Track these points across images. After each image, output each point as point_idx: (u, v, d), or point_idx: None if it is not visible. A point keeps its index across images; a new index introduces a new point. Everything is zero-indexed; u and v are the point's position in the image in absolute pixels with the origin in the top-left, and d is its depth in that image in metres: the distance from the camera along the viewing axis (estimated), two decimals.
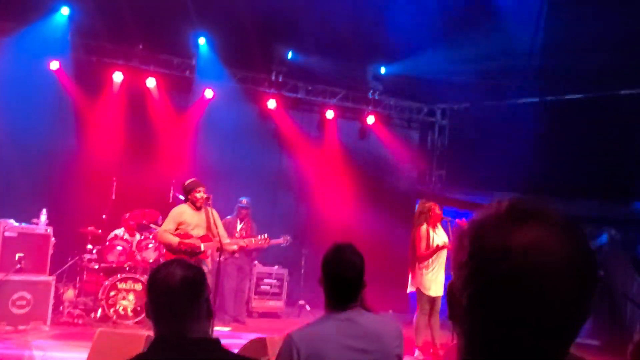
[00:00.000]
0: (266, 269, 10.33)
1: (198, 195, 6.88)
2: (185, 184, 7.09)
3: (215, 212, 7.10)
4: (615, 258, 9.24)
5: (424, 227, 7.55)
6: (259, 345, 5.71)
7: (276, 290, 10.27)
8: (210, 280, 7.10)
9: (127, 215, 9.00)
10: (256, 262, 10.22)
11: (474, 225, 0.96)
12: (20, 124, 9.79)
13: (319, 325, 2.64)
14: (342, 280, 2.63)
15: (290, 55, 11.19)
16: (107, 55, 10.22)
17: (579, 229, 0.93)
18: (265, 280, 10.22)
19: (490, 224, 0.94)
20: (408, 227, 11.83)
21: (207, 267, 7.00)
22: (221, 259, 6.90)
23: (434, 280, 7.47)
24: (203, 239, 6.84)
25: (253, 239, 7.59)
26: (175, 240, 6.78)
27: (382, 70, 11.86)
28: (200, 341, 2.00)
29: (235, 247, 7.31)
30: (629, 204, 9.28)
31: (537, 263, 0.88)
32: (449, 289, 0.99)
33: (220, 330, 8.18)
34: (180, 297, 1.98)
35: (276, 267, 10.45)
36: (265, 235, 7.50)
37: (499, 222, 0.93)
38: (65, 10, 9.66)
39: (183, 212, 6.95)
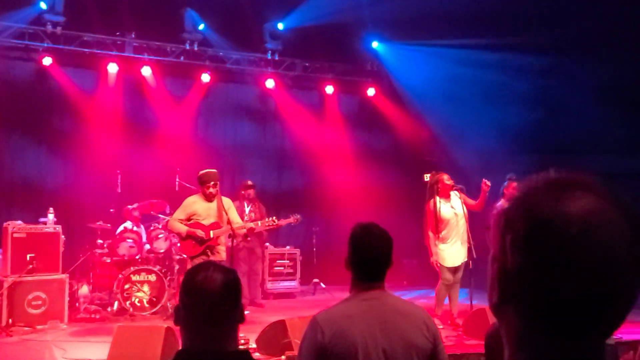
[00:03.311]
0: (278, 250, 10.30)
1: (209, 190, 6.91)
2: (200, 174, 7.06)
3: (227, 200, 7.13)
4: None
5: (432, 201, 7.45)
6: (279, 327, 5.71)
7: (290, 270, 10.24)
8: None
9: (134, 205, 8.94)
10: (267, 243, 10.18)
11: (520, 200, 0.92)
12: (20, 122, 9.75)
13: (344, 305, 2.61)
14: (372, 254, 2.58)
15: (281, 26, 10.96)
16: (100, 46, 10.08)
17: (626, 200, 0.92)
18: (278, 261, 10.19)
19: (540, 194, 0.90)
20: (416, 199, 11.83)
21: (222, 255, 7.04)
22: (233, 243, 6.87)
23: (451, 250, 7.39)
24: (212, 226, 6.88)
25: (260, 222, 7.56)
26: (183, 228, 6.85)
27: (375, 44, 11.70)
28: (232, 354, 1.90)
29: (244, 231, 7.28)
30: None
31: (597, 229, 0.85)
32: (499, 267, 0.93)
33: None
34: (221, 304, 1.87)
35: (288, 247, 10.42)
36: (274, 217, 7.45)
37: (548, 192, 0.90)
38: (42, 5, 9.48)
39: (194, 203, 7.01)
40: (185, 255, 7.45)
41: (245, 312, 7.52)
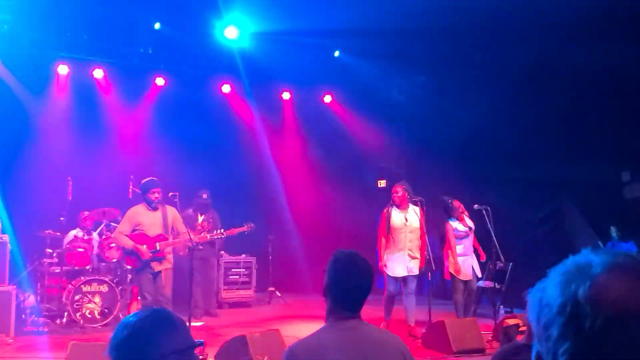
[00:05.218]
0: (233, 259, 10.16)
1: (152, 196, 6.93)
2: (142, 182, 7.08)
3: (172, 209, 7.06)
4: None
5: (388, 209, 7.57)
6: (240, 343, 5.59)
7: (245, 279, 10.11)
8: (172, 275, 7.14)
9: (86, 214, 8.67)
10: (222, 252, 10.04)
11: (560, 279, 0.91)
12: None
13: (321, 335, 2.56)
14: (357, 288, 2.55)
15: (234, 31, 10.77)
16: (50, 47, 9.71)
17: None
18: (234, 270, 10.05)
19: (579, 276, 0.89)
20: (371, 205, 11.90)
21: (170, 263, 7.10)
22: (193, 256, 6.77)
23: (394, 260, 7.46)
24: (158, 237, 6.90)
25: (209, 235, 7.47)
26: (129, 242, 6.85)
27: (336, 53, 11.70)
28: None
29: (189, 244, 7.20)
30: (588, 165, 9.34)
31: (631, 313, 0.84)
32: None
33: (192, 325, 8.01)
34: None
35: (243, 255, 10.28)
36: (222, 230, 7.43)
37: (587, 274, 0.89)
38: None
39: (138, 213, 7.00)
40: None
41: (201, 323, 7.42)
